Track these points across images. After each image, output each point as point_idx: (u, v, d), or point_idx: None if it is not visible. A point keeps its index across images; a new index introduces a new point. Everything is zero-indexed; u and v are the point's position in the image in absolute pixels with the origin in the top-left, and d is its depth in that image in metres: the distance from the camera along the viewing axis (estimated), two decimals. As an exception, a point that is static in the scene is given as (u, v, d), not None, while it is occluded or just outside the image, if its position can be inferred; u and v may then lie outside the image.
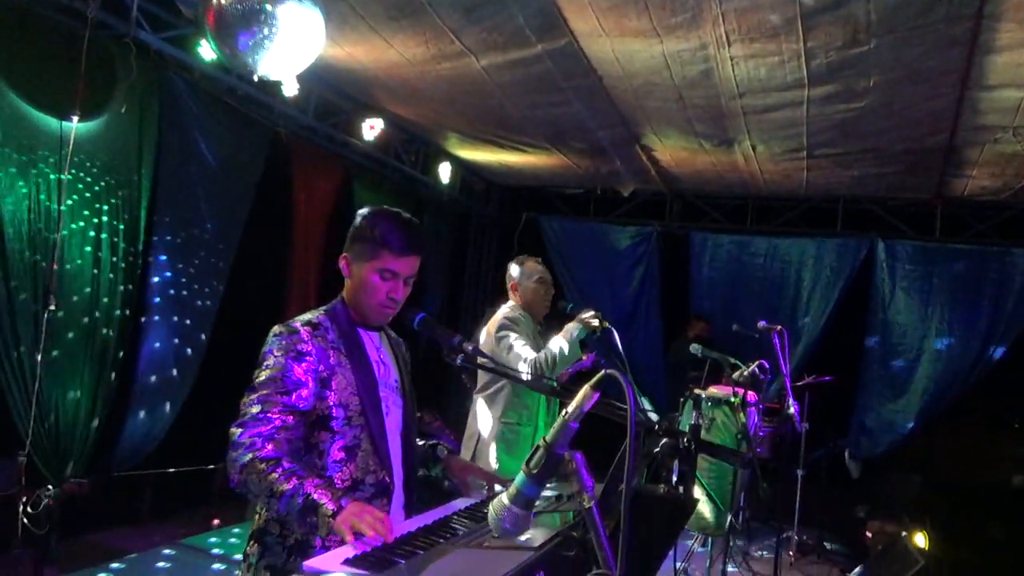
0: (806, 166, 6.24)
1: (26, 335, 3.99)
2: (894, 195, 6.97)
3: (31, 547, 4.06)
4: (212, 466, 5.43)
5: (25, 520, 3.99)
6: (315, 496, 1.68)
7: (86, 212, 4.29)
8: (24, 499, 4.00)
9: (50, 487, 4.13)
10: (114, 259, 4.43)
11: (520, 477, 1.29)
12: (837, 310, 7.16)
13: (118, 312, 4.48)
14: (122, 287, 4.49)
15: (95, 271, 4.33)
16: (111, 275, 4.41)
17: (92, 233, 4.32)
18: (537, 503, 2.01)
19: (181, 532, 5.14)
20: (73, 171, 4.13)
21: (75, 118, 4.12)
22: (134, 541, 4.85)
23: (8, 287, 3.89)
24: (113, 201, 4.41)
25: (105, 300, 4.39)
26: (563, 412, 1.26)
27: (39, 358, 4.01)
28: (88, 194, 4.30)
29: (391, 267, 2.02)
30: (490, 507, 1.32)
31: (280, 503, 1.71)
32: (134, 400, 4.68)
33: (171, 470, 5.23)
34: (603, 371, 1.22)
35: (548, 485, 2.18)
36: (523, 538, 1.66)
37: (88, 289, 4.30)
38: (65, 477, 4.26)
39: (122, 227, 4.47)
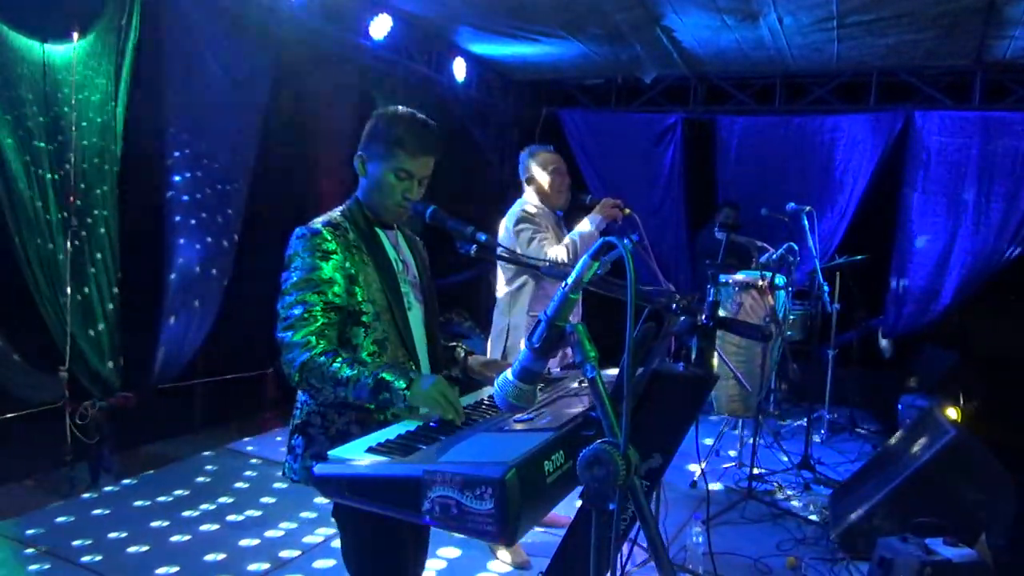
0: (836, 37, 5.93)
1: (52, 253, 4.07)
2: (931, 63, 6.62)
3: (83, 458, 4.30)
4: (252, 373, 5.59)
5: (76, 432, 4.20)
6: (383, 374, 1.78)
7: (93, 130, 4.26)
8: (71, 412, 4.19)
9: (95, 401, 4.31)
10: (123, 171, 4.42)
11: (523, 352, 1.28)
12: (870, 188, 6.96)
13: (135, 226, 4.52)
14: (134, 201, 4.52)
15: (107, 184, 4.35)
16: (122, 188, 4.42)
17: (99, 158, 4.30)
18: (560, 389, 2.05)
19: (234, 438, 5.35)
20: (76, 87, 4.10)
21: (75, 35, 4.07)
22: (185, 449, 5.06)
23: (30, 205, 3.94)
24: (121, 116, 4.38)
25: (121, 215, 4.43)
26: (562, 284, 1.24)
27: (67, 280, 4.11)
28: (93, 109, 4.25)
29: (407, 167, 2.03)
30: (496, 383, 1.33)
31: (350, 389, 1.80)
32: (165, 316, 4.77)
33: (227, 377, 5.38)
34: (601, 240, 1.18)
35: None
36: (544, 420, 1.69)
37: (100, 203, 4.33)
38: (111, 390, 4.42)
39: (129, 145, 4.44)
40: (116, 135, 4.40)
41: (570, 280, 1.22)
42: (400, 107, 2.10)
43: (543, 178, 3.71)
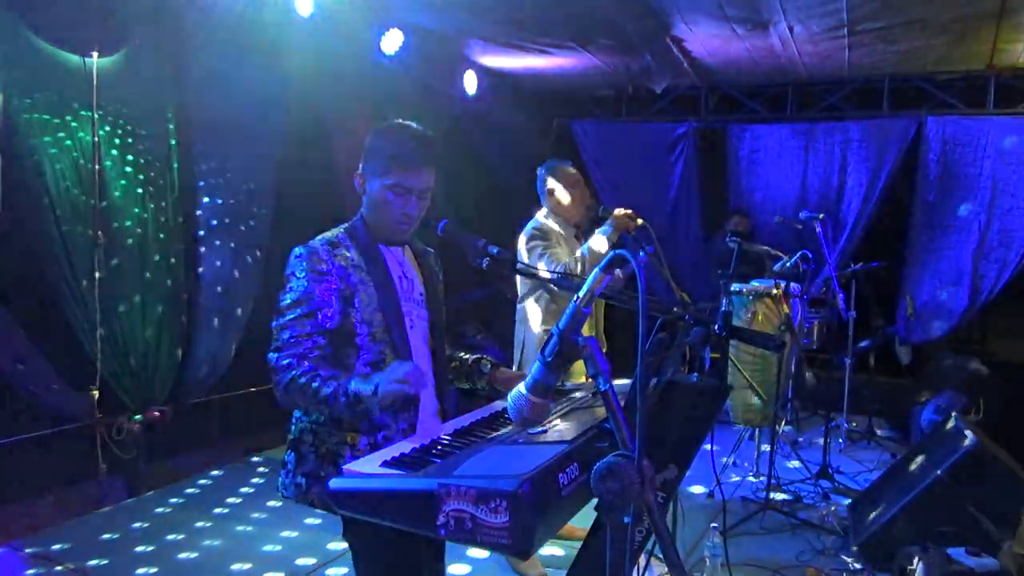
0: (848, 44, 5.92)
1: (83, 274, 4.13)
2: (943, 69, 6.60)
3: (118, 472, 4.37)
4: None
5: (112, 447, 4.28)
6: (353, 388, 1.78)
7: (120, 149, 4.34)
8: (103, 429, 4.25)
9: (129, 416, 4.37)
10: (151, 189, 4.49)
11: (536, 365, 1.29)
12: (884, 194, 6.92)
13: (165, 245, 4.58)
14: (164, 218, 4.57)
15: (137, 203, 4.42)
16: (151, 206, 4.48)
17: (129, 169, 4.38)
18: (573, 400, 2.05)
19: (264, 448, 5.41)
20: (102, 107, 4.18)
21: (95, 54, 4.14)
22: (209, 462, 5.12)
23: (60, 227, 4.00)
24: (144, 135, 4.44)
25: (152, 234, 4.49)
26: (574, 297, 1.24)
27: (96, 295, 4.16)
28: (119, 130, 4.33)
29: (402, 182, 1.98)
30: (509, 397, 1.33)
31: (333, 407, 1.82)
32: (196, 330, 4.84)
33: (252, 390, 5.41)
34: (612, 252, 1.19)
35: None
36: (558, 432, 1.69)
37: (130, 223, 4.39)
38: (145, 406, 4.48)
39: (156, 162, 4.52)
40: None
41: (581, 293, 1.22)
42: (395, 121, 2.04)
43: (564, 194, 3.73)
